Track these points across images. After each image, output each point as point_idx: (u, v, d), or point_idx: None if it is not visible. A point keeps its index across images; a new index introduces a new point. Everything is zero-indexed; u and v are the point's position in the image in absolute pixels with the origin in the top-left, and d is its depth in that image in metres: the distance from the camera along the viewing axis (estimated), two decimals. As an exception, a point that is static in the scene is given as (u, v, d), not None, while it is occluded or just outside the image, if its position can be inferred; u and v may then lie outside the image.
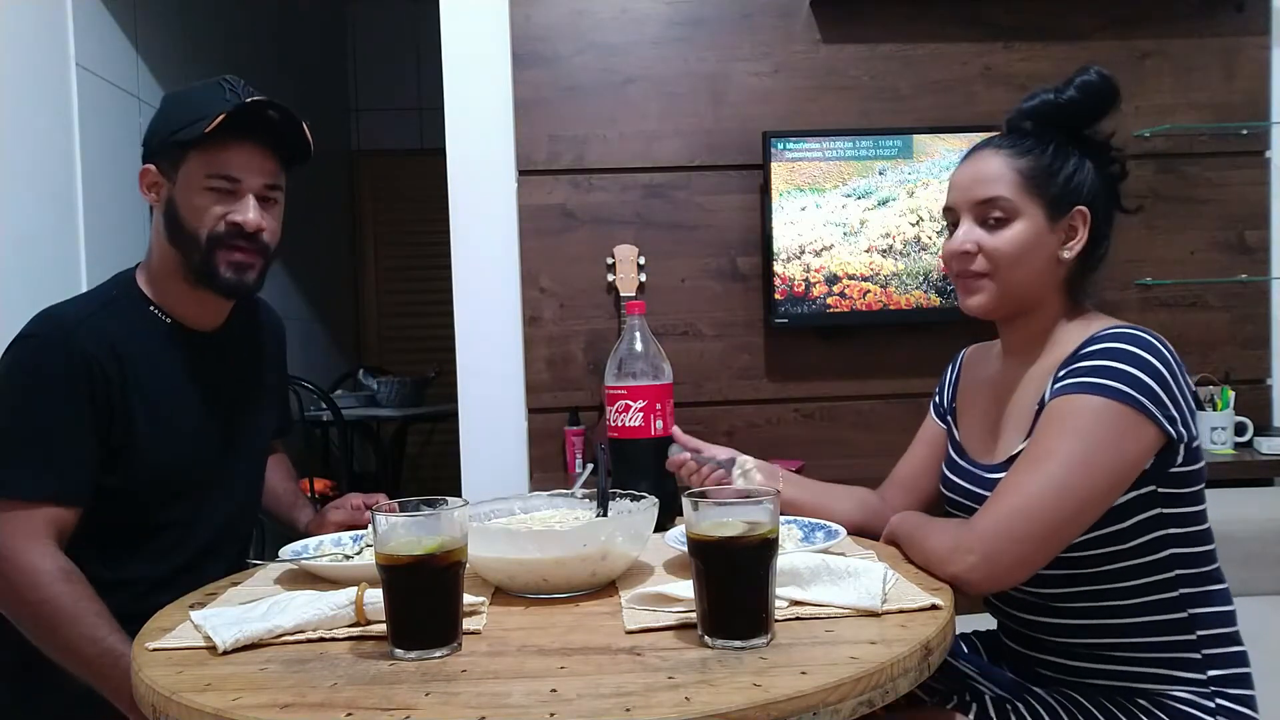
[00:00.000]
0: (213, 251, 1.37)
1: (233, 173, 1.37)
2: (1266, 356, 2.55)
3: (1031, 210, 1.19)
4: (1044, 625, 1.19)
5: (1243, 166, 2.53)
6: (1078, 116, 1.20)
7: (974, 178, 1.22)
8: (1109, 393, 1.06)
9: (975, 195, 1.21)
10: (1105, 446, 1.05)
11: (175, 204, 1.38)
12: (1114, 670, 1.15)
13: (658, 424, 1.43)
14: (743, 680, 0.81)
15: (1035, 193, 1.19)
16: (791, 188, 2.39)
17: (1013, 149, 1.21)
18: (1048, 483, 1.05)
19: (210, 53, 3.39)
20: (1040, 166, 1.19)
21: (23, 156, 2.18)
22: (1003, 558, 1.06)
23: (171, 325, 1.42)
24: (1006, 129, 1.25)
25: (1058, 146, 1.20)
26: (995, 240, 1.19)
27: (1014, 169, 1.19)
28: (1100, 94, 1.20)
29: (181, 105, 1.39)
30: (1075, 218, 1.19)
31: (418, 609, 0.92)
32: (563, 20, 2.44)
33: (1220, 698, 1.12)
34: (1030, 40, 2.50)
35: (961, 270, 1.23)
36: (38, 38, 2.27)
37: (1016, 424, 1.20)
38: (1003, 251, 1.19)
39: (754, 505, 0.92)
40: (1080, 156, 1.20)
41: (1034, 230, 1.19)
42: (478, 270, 2.43)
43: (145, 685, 0.88)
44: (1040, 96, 1.22)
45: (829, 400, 2.51)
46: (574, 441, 2.38)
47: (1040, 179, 1.19)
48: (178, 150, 1.36)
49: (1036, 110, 1.22)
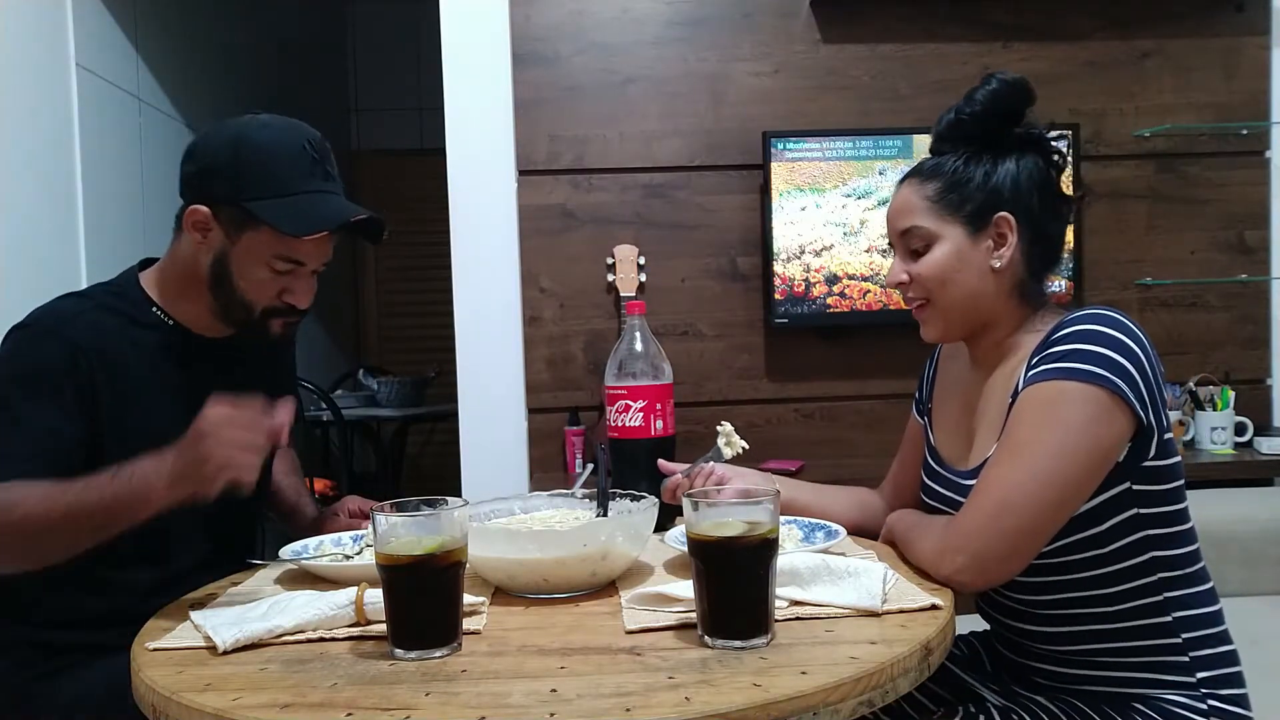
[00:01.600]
0: (265, 320, 1.37)
1: (303, 259, 1.33)
2: (1266, 356, 2.55)
3: (949, 230, 1.19)
4: (1031, 633, 1.19)
5: (1243, 166, 2.54)
6: (985, 126, 1.20)
7: (893, 211, 1.25)
8: (1081, 375, 1.05)
9: (896, 228, 1.24)
10: (1081, 431, 1.05)
11: (229, 263, 1.33)
12: (1104, 676, 1.15)
13: (658, 424, 1.43)
14: (743, 680, 0.81)
15: (949, 212, 1.19)
16: (791, 188, 2.39)
17: (922, 176, 1.22)
18: (1028, 474, 1.05)
19: (210, 53, 3.39)
20: (949, 186, 1.20)
21: (23, 156, 2.18)
22: (990, 554, 1.06)
23: (173, 327, 1.40)
24: (930, 154, 1.26)
25: (969, 159, 1.20)
26: (919, 267, 1.21)
27: (922, 196, 1.21)
28: (1004, 100, 1.19)
29: (258, 164, 1.30)
30: (1000, 225, 1.18)
31: (418, 609, 0.92)
32: (563, 20, 2.44)
33: (1212, 699, 1.12)
34: (1030, 40, 2.50)
35: (904, 300, 1.26)
36: (38, 38, 2.27)
37: (989, 427, 1.19)
38: (928, 276, 1.21)
39: (754, 505, 0.92)
40: (995, 164, 1.19)
41: (955, 249, 1.19)
42: (478, 270, 2.43)
43: (145, 685, 0.88)
44: (945, 117, 1.23)
45: (829, 400, 2.51)
46: (574, 441, 2.38)
47: (949, 198, 1.19)
48: (247, 216, 1.29)
49: (944, 131, 1.23)
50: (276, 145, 1.32)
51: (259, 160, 1.30)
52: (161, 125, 2.95)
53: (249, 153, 1.31)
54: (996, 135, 1.20)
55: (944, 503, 1.24)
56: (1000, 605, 1.23)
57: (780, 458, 2.39)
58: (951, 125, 1.22)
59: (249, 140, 1.32)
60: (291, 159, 1.31)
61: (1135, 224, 2.52)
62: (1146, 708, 1.12)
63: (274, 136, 1.32)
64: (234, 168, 1.30)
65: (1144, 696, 1.13)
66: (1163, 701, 1.12)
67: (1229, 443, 2.34)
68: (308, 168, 1.32)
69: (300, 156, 1.32)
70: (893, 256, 1.27)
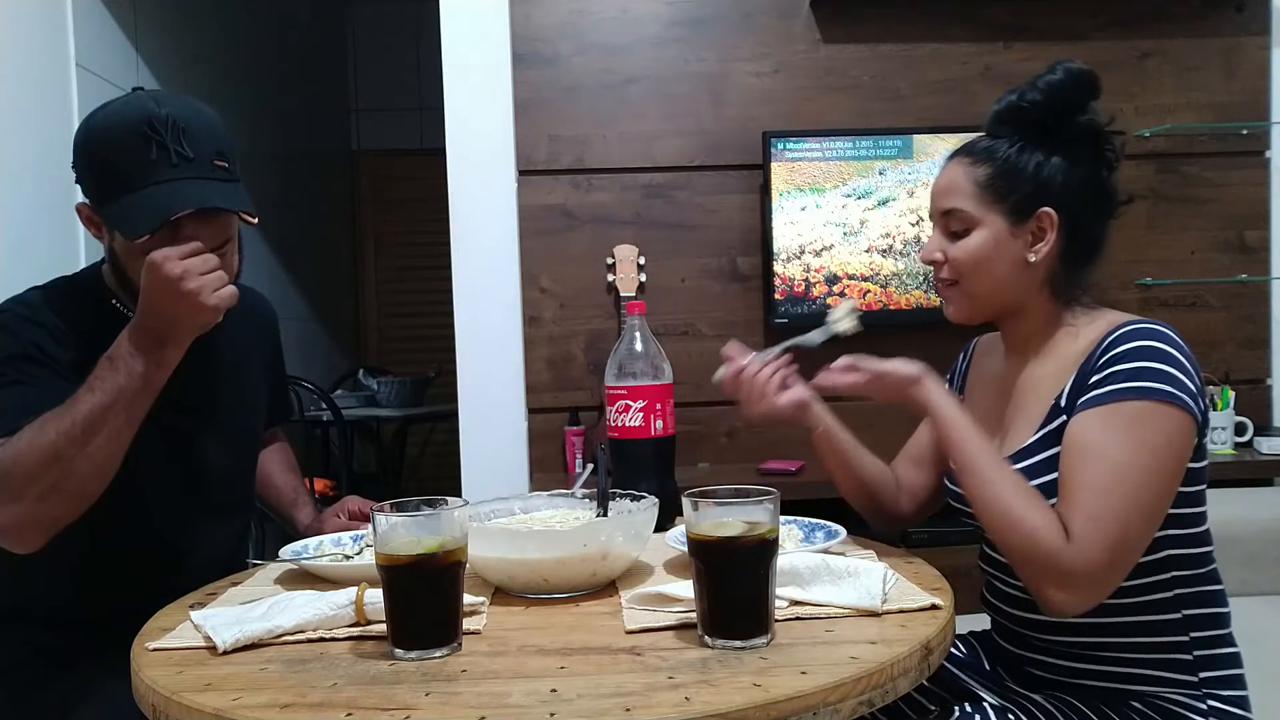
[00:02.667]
0: None
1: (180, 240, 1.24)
2: (1266, 356, 2.55)
3: (991, 218, 1.19)
4: (1036, 623, 1.19)
5: (1243, 166, 2.54)
6: (1045, 116, 1.20)
7: (939, 188, 1.25)
8: (1161, 395, 1.06)
9: (938, 206, 1.25)
10: (1167, 452, 1.06)
11: (119, 259, 1.30)
12: (1105, 671, 1.14)
13: (658, 424, 1.43)
14: (743, 680, 0.81)
15: (993, 200, 1.19)
16: (791, 188, 2.39)
17: (973, 157, 1.22)
18: (1134, 503, 1.04)
19: (210, 52, 3.39)
20: (998, 173, 1.19)
21: (23, 156, 2.18)
22: (1104, 589, 1.05)
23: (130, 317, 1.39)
24: (985, 133, 1.26)
25: (1023, 148, 1.19)
26: (956, 250, 1.22)
27: (971, 179, 1.21)
28: (1070, 90, 1.19)
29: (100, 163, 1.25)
30: (1041, 220, 1.19)
31: (418, 609, 0.92)
32: (563, 20, 2.44)
33: (1212, 699, 1.12)
34: (1030, 40, 2.50)
35: (934, 278, 1.28)
36: (38, 38, 2.27)
37: (1025, 419, 1.19)
38: (962, 261, 1.21)
39: (754, 505, 0.92)
40: (1049, 156, 1.19)
41: (993, 238, 1.20)
42: (478, 270, 2.43)
43: (145, 685, 0.88)
44: (1007, 99, 1.23)
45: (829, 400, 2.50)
46: (574, 441, 2.38)
47: (998, 187, 1.19)
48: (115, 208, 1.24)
49: (1002, 114, 1.23)
50: (115, 138, 1.25)
51: (100, 157, 1.26)
52: (161, 125, 2.95)
53: (93, 149, 1.27)
54: (1055, 125, 1.20)
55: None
56: (1006, 595, 1.23)
57: (780, 458, 2.39)
58: (1012, 109, 1.22)
59: (92, 136, 1.27)
60: (131, 151, 1.24)
61: (1135, 224, 2.52)
62: (1144, 705, 1.12)
63: (111, 129, 1.25)
64: (85, 169, 1.28)
65: (1143, 694, 1.13)
66: (1162, 700, 1.12)
67: (1229, 443, 2.34)
68: (150, 155, 1.23)
69: (140, 145, 1.23)
70: (933, 230, 1.27)
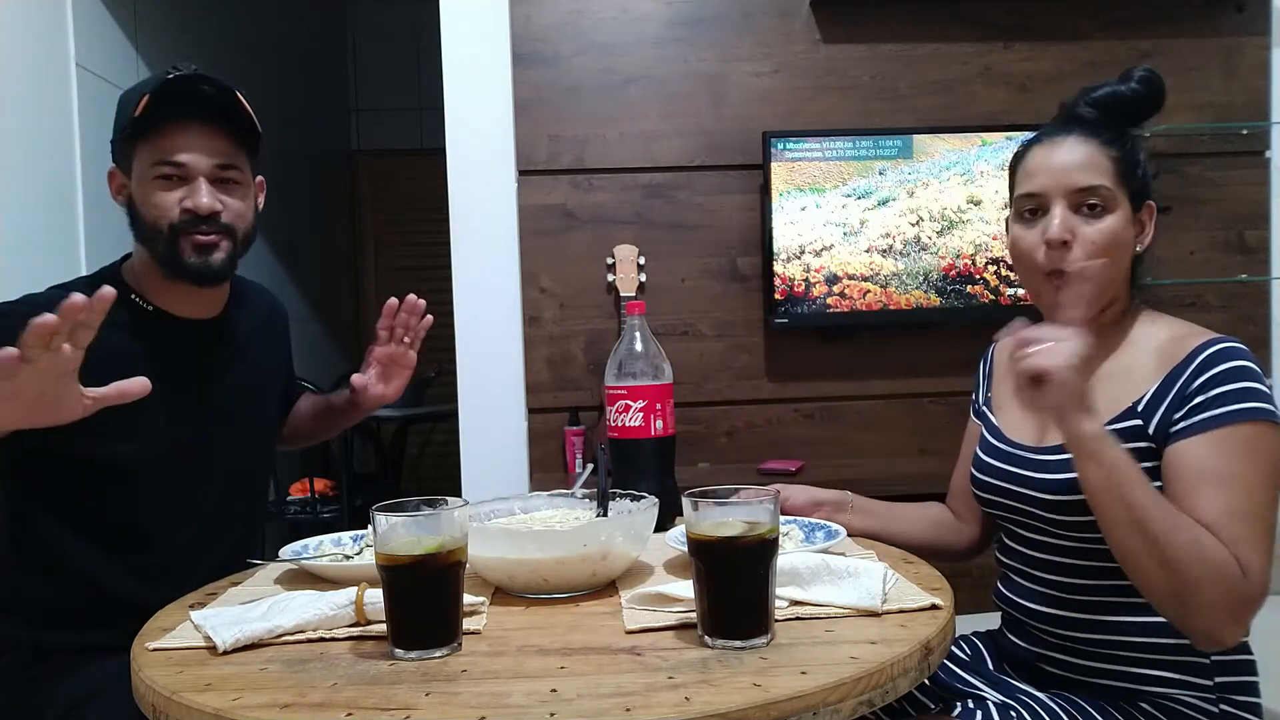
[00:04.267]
0: (175, 240, 1.36)
1: (177, 157, 1.35)
2: (1266, 356, 2.55)
3: (1123, 202, 1.16)
4: (1053, 618, 1.18)
5: (1243, 166, 2.54)
6: (1139, 110, 1.20)
7: (1070, 164, 1.16)
8: (1263, 415, 1.06)
9: (1074, 182, 1.15)
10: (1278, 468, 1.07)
11: (134, 200, 1.38)
12: (1118, 671, 1.14)
13: (658, 424, 1.43)
14: (743, 680, 0.81)
15: (1125, 185, 1.17)
16: (791, 188, 2.39)
17: (1100, 138, 1.17)
18: (1268, 524, 1.04)
19: (210, 53, 3.39)
20: (1128, 158, 1.18)
21: (23, 156, 2.18)
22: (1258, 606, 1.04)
23: (154, 313, 1.41)
24: (1067, 116, 1.22)
25: (1133, 140, 1.19)
26: (1092, 230, 1.14)
27: (1110, 158, 1.16)
28: (1159, 90, 1.21)
29: (126, 100, 1.37)
30: (1145, 212, 1.19)
31: (418, 609, 0.92)
32: (563, 20, 2.44)
33: (1225, 703, 1.11)
34: (1030, 40, 2.50)
35: (1052, 266, 1.15)
36: (38, 38, 2.27)
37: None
38: (1099, 243, 1.14)
39: (754, 505, 0.92)
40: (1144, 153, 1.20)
41: (1124, 223, 1.16)
42: (478, 270, 2.43)
43: (145, 685, 0.88)
44: (1108, 87, 1.21)
45: (829, 400, 2.51)
46: (574, 441, 2.38)
47: (1129, 171, 1.17)
48: (128, 146, 1.36)
49: (1103, 100, 1.21)
50: (140, 83, 1.39)
51: (126, 98, 1.38)
52: (161, 125, 2.95)
53: (121, 100, 1.39)
54: (1136, 120, 1.20)
55: (1004, 479, 1.23)
56: (1023, 589, 1.23)
57: (780, 458, 2.40)
58: (1115, 96, 1.20)
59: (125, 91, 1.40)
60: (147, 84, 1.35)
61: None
62: (1153, 707, 1.12)
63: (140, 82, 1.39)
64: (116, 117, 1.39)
65: (1154, 694, 1.13)
66: (1173, 701, 1.12)
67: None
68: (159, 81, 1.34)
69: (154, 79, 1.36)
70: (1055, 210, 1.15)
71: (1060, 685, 1.19)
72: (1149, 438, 1.11)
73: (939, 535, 1.41)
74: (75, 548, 1.32)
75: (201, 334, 1.45)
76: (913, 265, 2.42)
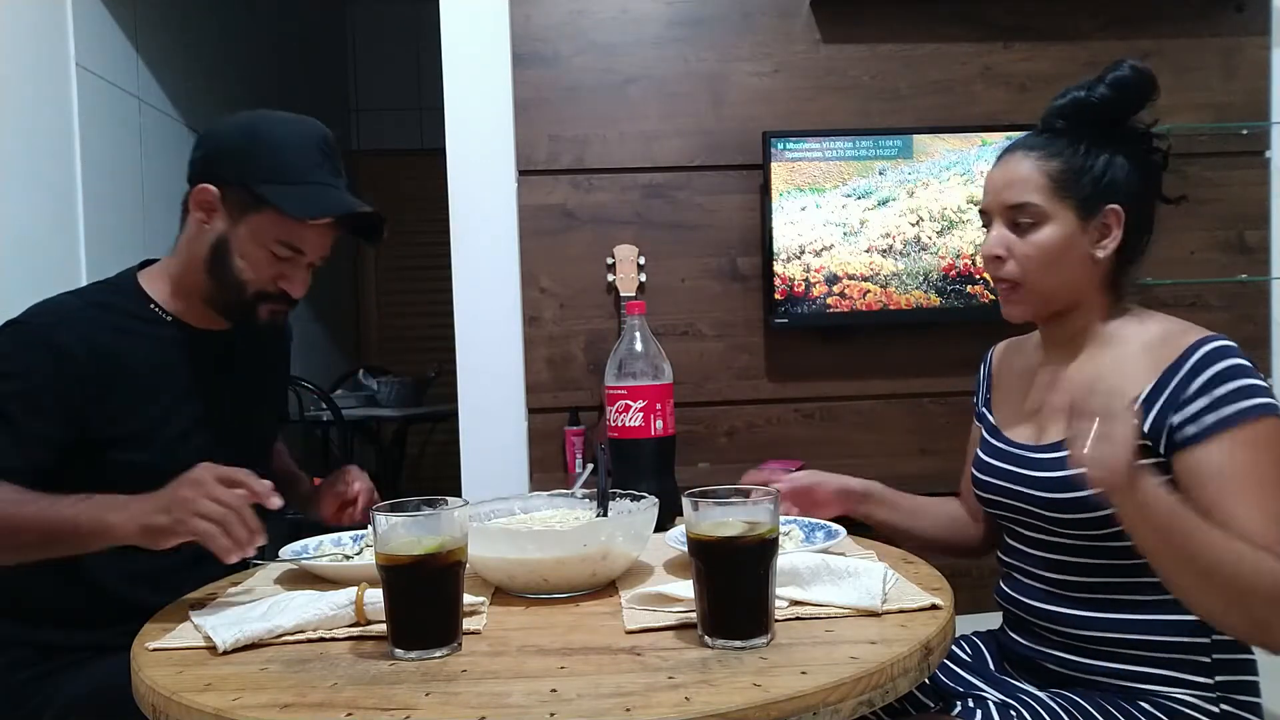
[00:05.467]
0: (256, 304, 1.38)
1: (304, 248, 1.36)
2: (1266, 356, 2.55)
3: (1062, 213, 1.19)
4: (1056, 615, 1.19)
5: (1243, 166, 2.53)
6: (1111, 112, 1.20)
7: (1005, 181, 1.22)
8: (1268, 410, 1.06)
9: (1006, 200, 1.21)
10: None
11: (229, 244, 1.35)
12: (1119, 669, 1.14)
13: (658, 424, 1.43)
14: (743, 680, 0.81)
15: (1065, 195, 1.18)
16: (791, 188, 2.39)
17: (1043, 150, 1.20)
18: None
19: (210, 53, 3.39)
20: (1070, 168, 1.19)
21: (23, 156, 2.18)
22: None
23: (170, 322, 1.42)
24: (1041, 127, 1.24)
25: (1090, 144, 1.19)
26: (1024, 245, 1.20)
27: (1043, 172, 1.19)
28: (1133, 88, 1.19)
29: (270, 151, 1.33)
30: (1108, 216, 1.19)
31: (418, 609, 0.92)
32: (563, 20, 2.44)
33: (1225, 703, 1.11)
34: (1030, 40, 2.50)
35: (995, 275, 1.24)
36: (38, 38, 2.27)
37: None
38: (1031, 256, 1.19)
39: (754, 505, 0.92)
40: (1113, 153, 1.19)
41: (1064, 233, 1.18)
42: (478, 270, 2.43)
43: (145, 685, 0.88)
44: (1071, 94, 1.22)
45: (829, 400, 2.51)
46: (574, 441, 2.38)
47: (1070, 180, 1.18)
48: (253, 199, 1.32)
49: (1067, 108, 1.22)
50: (290, 136, 1.35)
51: (271, 147, 1.34)
52: (161, 125, 2.95)
53: (262, 139, 1.34)
54: (1114, 124, 1.20)
55: (1003, 478, 1.24)
56: (1025, 588, 1.23)
57: (780, 458, 2.39)
58: (1078, 104, 1.21)
59: (263, 128, 1.36)
60: (303, 150, 1.34)
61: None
62: (1152, 706, 1.12)
63: (289, 129, 1.36)
64: (245, 151, 1.34)
65: (1155, 693, 1.13)
66: (1172, 700, 1.12)
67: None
68: (319, 160, 1.35)
69: (312, 149, 1.35)
70: (994, 227, 1.23)
71: (1062, 683, 1.19)
72: (1144, 435, 1.11)
73: (956, 530, 1.42)
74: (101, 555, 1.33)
75: (214, 344, 1.45)
76: (913, 265, 2.42)
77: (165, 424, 1.38)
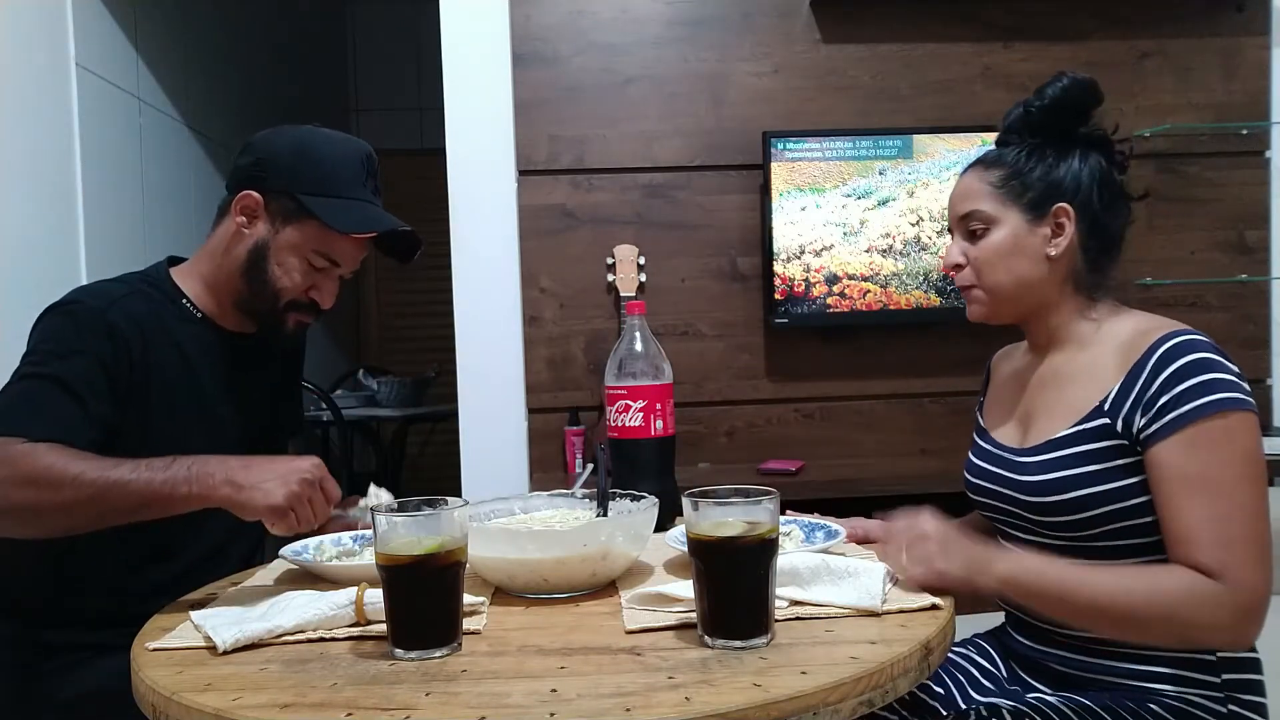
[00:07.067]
0: (286, 311, 1.42)
1: (339, 259, 1.41)
2: (1266, 356, 2.55)
3: (1010, 216, 1.23)
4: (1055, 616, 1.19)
5: (1243, 166, 2.54)
6: (1056, 123, 1.24)
7: (955, 196, 1.30)
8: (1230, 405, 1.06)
9: (958, 211, 1.28)
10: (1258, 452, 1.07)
11: (267, 250, 1.39)
12: (1125, 669, 1.14)
13: (658, 424, 1.43)
14: (743, 680, 0.81)
15: (1010, 198, 1.24)
16: (791, 188, 2.39)
17: (990, 163, 1.27)
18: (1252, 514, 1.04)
19: (210, 53, 3.39)
20: (1014, 172, 1.24)
21: (23, 156, 2.18)
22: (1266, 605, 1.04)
23: (202, 319, 1.44)
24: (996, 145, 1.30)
25: (1034, 151, 1.24)
26: (976, 250, 1.26)
27: (985, 181, 1.25)
28: (1073, 98, 1.23)
29: (318, 164, 1.38)
30: (1058, 215, 1.22)
31: (418, 609, 0.92)
32: (563, 20, 2.44)
33: (1233, 703, 1.11)
34: (1030, 40, 2.50)
35: (957, 283, 1.30)
36: (38, 38, 2.27)
37: (1059, 410, 1.19)
38: (984, 259, 1.25)
39: (754, 505, 0.92)
40: (1059, 157, 1.23)
41: (1012, 234, 1.23)
42: (478, 270, 2.43)
43: (145, 685, 0.88)
44: (1013, 111, 1.28)
45: (829, 400, 2.51)
46: (574, 441, 2.38)
47: (1014, 184, 1.24)
48: (297, 209, 1.37)
49: (1013, 125, 1.28)
50: (337, 153, 1.41)
51: (318, 161, 1.39)
52: (161, 125, 2.95)
53: (311, 152, 1.40)
54: (1062, 132, 1.24)
55: (987, 479, 1.26)
56: None
57: (780, 458, 2.40)
58: (1019, 119, 1.26)
59: (312, 143, 1.41)
60: (349, 167, 1.40)
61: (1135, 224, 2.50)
62: (1161, 707, 1.12)
63: (336, 145, 1.42)
64: (294, 163, 1.39)
65: (1162, 694, 1.13)
66: (1180, 700, 1.12)
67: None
68: (362, 178, 1.41)
69: (357, 167, 1.41)
70: (953, 239, 1.31)
71: (1070, 685, 1.19)
72: (1118, 435, 1.11)
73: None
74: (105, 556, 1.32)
75: (240, 346, 1.47)
76: (913, 265, 2.42)
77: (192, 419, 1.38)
